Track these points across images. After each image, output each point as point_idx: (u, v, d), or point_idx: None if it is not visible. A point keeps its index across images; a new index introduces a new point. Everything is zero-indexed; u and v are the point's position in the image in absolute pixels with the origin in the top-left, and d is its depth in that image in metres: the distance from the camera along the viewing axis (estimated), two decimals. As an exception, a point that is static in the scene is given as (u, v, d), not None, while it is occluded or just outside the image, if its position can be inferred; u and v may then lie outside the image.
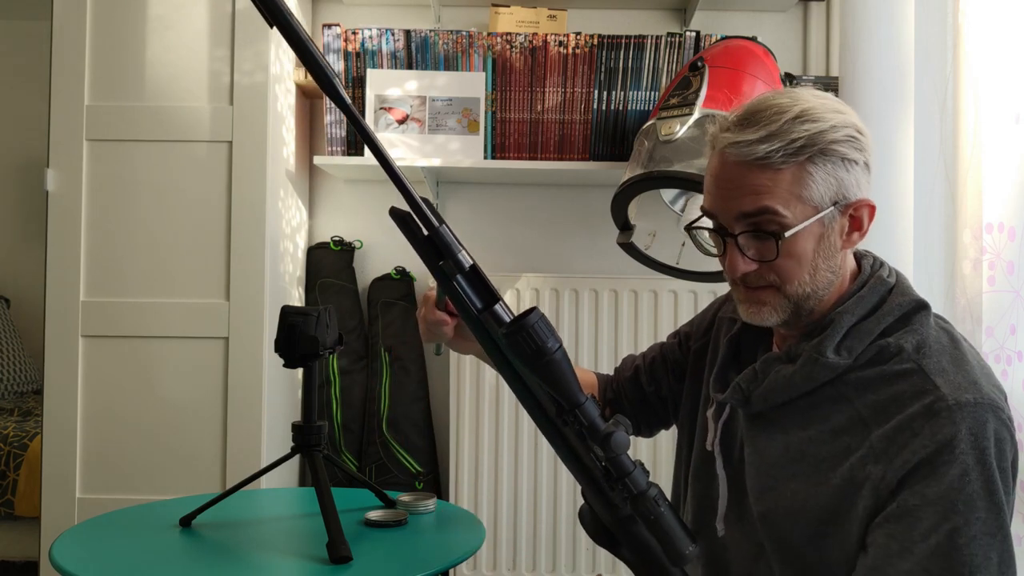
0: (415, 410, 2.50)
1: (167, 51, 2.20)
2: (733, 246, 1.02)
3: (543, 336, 0.87)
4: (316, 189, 2.61)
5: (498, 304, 0.92)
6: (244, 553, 1.30)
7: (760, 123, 1.00)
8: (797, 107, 1.00)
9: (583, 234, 2.60)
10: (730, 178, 1.01)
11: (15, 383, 3.40)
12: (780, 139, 0.98)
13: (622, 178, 2.12)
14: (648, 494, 0.92)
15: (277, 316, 1.37)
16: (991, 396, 0.96)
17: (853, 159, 1.01)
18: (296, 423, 1.39)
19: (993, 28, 1.47)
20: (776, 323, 1.06)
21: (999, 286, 1.44)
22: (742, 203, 1.00)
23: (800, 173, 0.98)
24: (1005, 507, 0.94)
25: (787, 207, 0.99)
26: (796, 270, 1.02)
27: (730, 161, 1.01)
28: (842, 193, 1.01)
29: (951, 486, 0.93)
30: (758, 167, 0.99)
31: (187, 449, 2.16)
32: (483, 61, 2.37)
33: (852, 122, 1.02)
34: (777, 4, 2.54)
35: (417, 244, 0.91)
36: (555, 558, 2.36)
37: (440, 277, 0.92)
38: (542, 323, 0.87)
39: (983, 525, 0.93)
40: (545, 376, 0.89)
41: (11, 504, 2.71)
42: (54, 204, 2.18)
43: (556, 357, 0.88)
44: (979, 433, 0.93)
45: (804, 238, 1.00)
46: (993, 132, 1.46)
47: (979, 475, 0.93)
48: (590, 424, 0.90)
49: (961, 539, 0.92)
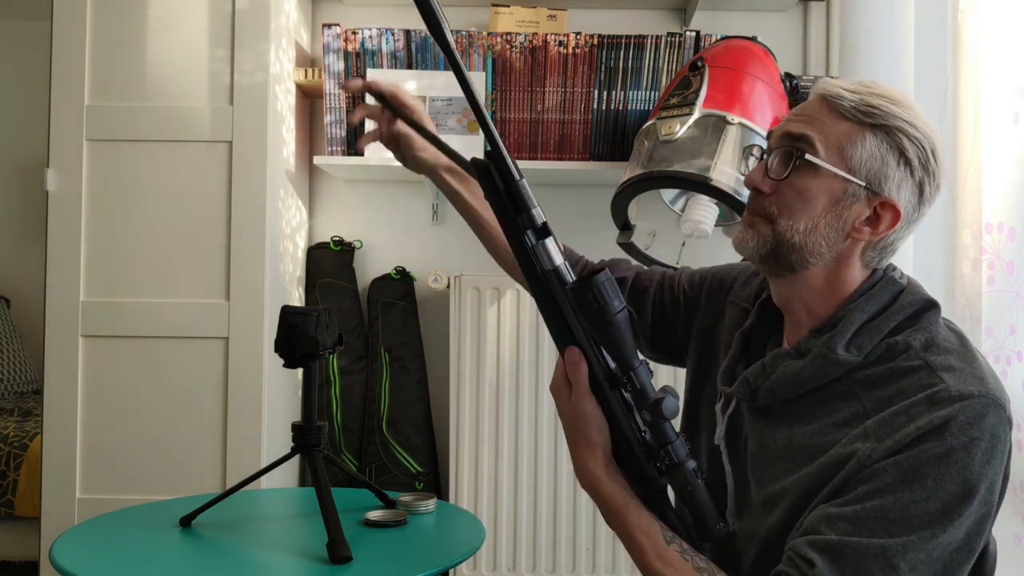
0: (415, 410, 2.50)
1: (167, 51, 2.20)
2: (763, 162, 1.06)
3: (608, 295, 0.91)
4: (316, 189, 2.61)
5: (563, 263, 0.95)
6: (244, 553, 1.31)
7: (861, 85, 1.03)
8: (898, 97, 1.03)
9: (583, 234, 2.60)
10: (806, 106, 1.05)
11: (15, 383, 3.40)
12: (860, 97, 1.01)
13: (622, 178, 2.12)
14: (687, 465, 0.94)
15: (277, 316, 1.37)
16: (996, 393, 0.94)
17: (910, 160, 1.01)
18: (296, 423, 1.39)
19: (993, 28, 1.47)
20: (751, 254, 1.07)
21: (999, 286, 1.44)
22: (793, 126, 1.04)
23: (855, 132, 1.01)
24: (977, 500, 0.91)
25: (825, 147, 1.01)
26: (796, 209, 1.02)
27: (816, 95, 1.05)
28: (879, 178, 1.01)
29: (927, 462, 0.91)
30: (828, 106, 1.02)
31: (187, 449, 2.16)
32: (483, 61, 2.37)
33: (935, 141, 1.03)
34: (777, 4, 2.54)
35: (494, 197, 0.94)
36: (555, 558, 2.36)
37: (513, 231, 0.95)
38: (609, 283, 0.91)
39: (942, 507, 0.90)
40: (605, 335, 0.93)
41: (11, 504, 2.71)
42: (54, 204, 2.19)
43: (619, 318, 0.92)
44: (974, 423, 0.92)
45: (819, 182, 1.01)
46: (993, 132, 1.46)
47: (961, 461, 0.90)
48: (641, 388, 0.94)
49: (914, 510, 0.90)
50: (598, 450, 0.98)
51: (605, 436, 0.98)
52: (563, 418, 1.01)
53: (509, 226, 0.94)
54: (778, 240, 1.04)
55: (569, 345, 0.97)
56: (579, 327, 0.96)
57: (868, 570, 0.89)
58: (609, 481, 0.98)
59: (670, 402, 0.92)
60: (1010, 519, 1.41)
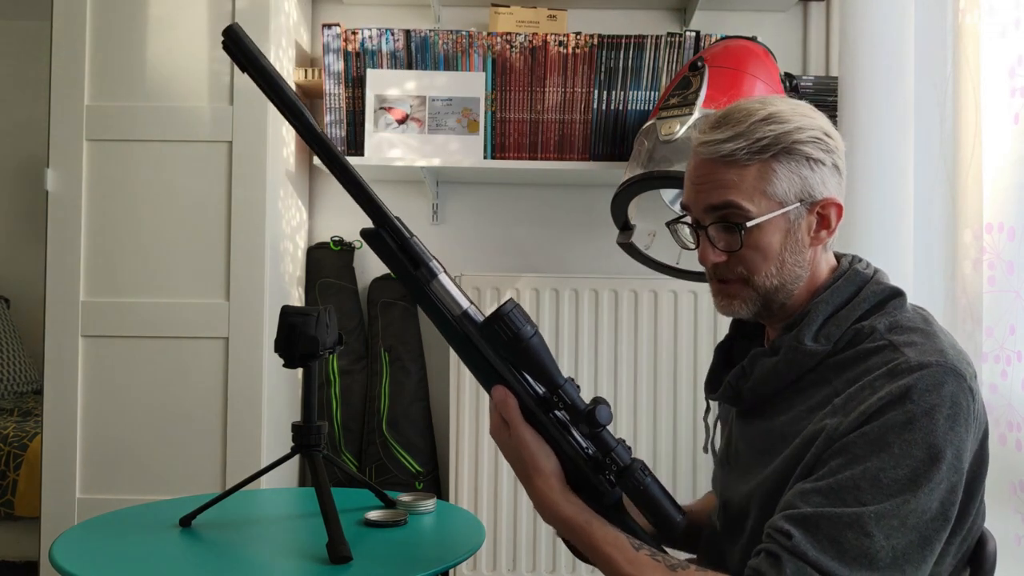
0: (415, 410, 2.50)
1: (167, 51, 2.20)
2: (704, 237, 1.08)
3: (519, 323, 0.96)
4: (316, 189, 2.61)
5: (470, 306, 0.99)
6: (244, 553, 1.31)
7: (729, 124, 1.06)
8: (765, 110, 1.06)
9: (583, 234, 2.60)
10: (700, 174, 1.08)
11: (15, 383, 3.40)
12: (746, 138, 1.04)
13: (622, 178, 2.12)
14: (633, 467, 0.98)
15: (277, 316, 1.37)
16: (955, 363, 0.96)
17: (818, 159, 1.06)
18: (296, 423, 1.39)
19: (993, 28, 1.47)
20: (747, 315, 1.11)
21: (999, 286, 1.44)
22: (710, 197, 1.06)
23: (764, 170, 1.04)
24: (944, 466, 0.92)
25: (751, 201, 1.04)
26: (762, 262, 1.06)
27: (700, 159, 1.08)
28: (807, 191, 1.06)
29: (892, 429, 0.93)
30: (724, 164, 1.05)
31: (187, 449, 2.16)
32: (483, 61, 2.37)
33: (819, 125, 1.07)
34: (777, 4, 2.54)
35: (390, 259, 1.00)
36: (555, 558, 2.36)
37: (415, 287, 0.99)
38: (517, 311, 0.96)
39: (911, 473, 0.91)
40: (524, 362, 0.97)
41: (11, 504, 2.71)
42: (54, 204, 2.18)
43: (533, 342, 0.96)
44: (933, 390, 0.94)
45: (769, 231, 1.05)
46: (993, 132, 1.46)
47: (924, 427, 0.92)
48: (572, 403, 0.97)
49: (884, 478, 0.92)
50: (551, 477, 1.00)
51: (554, 461, 1.01)
52: (509, 459, 1.03)
53: (412, 284, 1.00)
54: (762, 293, 1.08)
55: (495, 385, 1.00)
56: (499, 362, 0.99)
57: (843, 538, 0.91)
58: (567, 504, 1.00)
59: (602, 410, 0.96)
60: (1010, 519, 1.41)
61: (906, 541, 0.91)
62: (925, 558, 0.92)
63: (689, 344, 2.39)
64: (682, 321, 2.39)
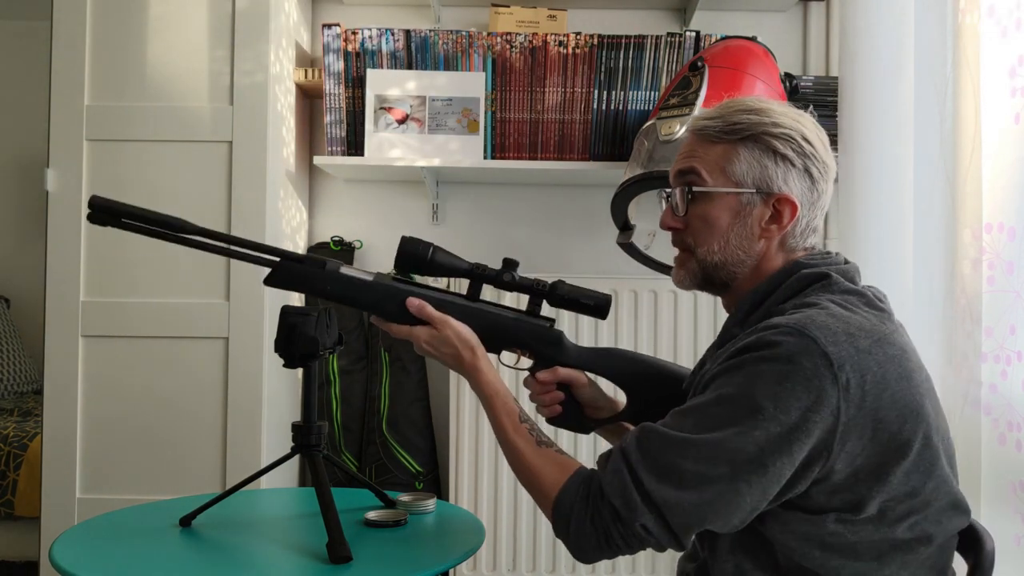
0: (415, 410, 2.50)
1: (167, 51, 2.20)
2: (667, 202, 1.19)
3: (420, 245, 1.22)
4: (316, 189, 2.61)
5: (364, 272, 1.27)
6: (244, 553, 1.31)
7: (720, 109, 1.15)
8: (755, 105, 1.13)
9: (583, 234, 2.60)
10: (685, 145, 1.18)
11: (15, 383, 3.40)
12: (724, 120, 1.13)
13: (622, 178, 2.12)
14: (548, 282, 1.23)
15: (277, 316, 1.37)
16: (811, 332, 0.98)
17: (786, 156, 1.10)
18: (296, 423, 1.39)
19: (993, 28, 1.47)
20: (690, 286, 1.19)
21: (999, 286, 1.44)
22: (681, 163, 1.17)
23: (729, 150, 1.12)
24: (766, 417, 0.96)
25: (709, 173, 1.13)
26: (707, 235, 1.14)
27: (689, 132, 1.19)
28: (765, 181, 1.11)
29: (727, 371, 1.01)
30: (698, 138, 1.16)
31: (187, 449, 2.16)
32: (483, 61, 2.37)
33: (801, 130, 1.12)
34: (777, 4, 2.54)
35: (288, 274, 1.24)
36: (555, 558, 2.35)
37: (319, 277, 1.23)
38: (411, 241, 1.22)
39: (730, 413, 0.98)
40: (438, 268, 1.23)
41: (11, 504, 2.71)
42: (54, 204, 2.18)
43: (437, 256, 1.23)
44: (771, 345, 0.98)
45: (719, 206, 1.13)
46: (993, 132, 1.46)
47: (750, 374, 0.99)
48: (487, 275, 1.23)
49: (710, 412, 1.00)
50: (478, 349, 1.21)
51: (474, 335, 1.21)
52: (441, 352, 1.22)
53: (316, 274, 1.23)
54: (703, 266, 1.16)
55: (405, 299, 1.22)
56: (408, 286, 1.23)
57: (662, 455, 1.00)
58: (489, 371, 1.20)
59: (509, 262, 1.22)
60: (1010, 519, 1.41)
61: (716, 473, 0.97)
62: (735, 491, 0.98)
63: (689, 344, 2.38)
64: (682, 321, 2.39)
